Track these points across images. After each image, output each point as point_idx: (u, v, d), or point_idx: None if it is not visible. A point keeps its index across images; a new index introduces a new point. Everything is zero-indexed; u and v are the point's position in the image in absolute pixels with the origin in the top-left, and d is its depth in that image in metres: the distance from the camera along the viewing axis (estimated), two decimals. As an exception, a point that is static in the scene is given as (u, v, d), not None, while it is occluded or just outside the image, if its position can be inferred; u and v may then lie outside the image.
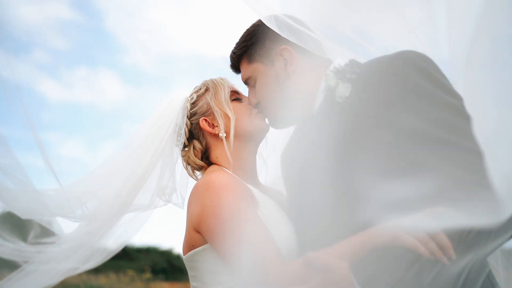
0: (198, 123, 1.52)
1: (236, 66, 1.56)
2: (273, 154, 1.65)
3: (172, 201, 1.58)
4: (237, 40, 1.56)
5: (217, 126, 1.49)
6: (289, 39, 1.37)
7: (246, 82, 1.54)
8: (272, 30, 1.41)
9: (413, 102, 1.11)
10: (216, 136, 1.49)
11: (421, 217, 0.95)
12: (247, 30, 1.52)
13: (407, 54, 1.20)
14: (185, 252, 1.40)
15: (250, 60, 1.48)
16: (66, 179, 1.52)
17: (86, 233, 1.54)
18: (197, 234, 1.34)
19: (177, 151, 1.56)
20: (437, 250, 0.92)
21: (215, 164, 1.51)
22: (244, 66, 1.52)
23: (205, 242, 1.33)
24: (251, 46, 1.48)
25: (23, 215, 1.46)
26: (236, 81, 1.61)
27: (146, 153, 1.49)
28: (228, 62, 1.60)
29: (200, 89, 1.56)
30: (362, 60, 1.34)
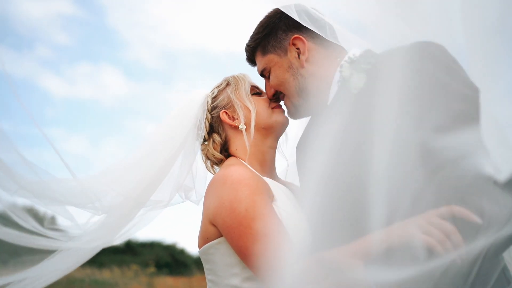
0: (218, 116, 1.54)
1: (251, 58, 1.58)
2: (284, 143, 1.66)
3: (190, 198, 1.61)
4: (240, 35, 1.58)
5: (237, 119, 1.52)
6: (309, 27, 1.38)
7: (262, 74, 1.55)
8: (284, 21, 1.44)
9: (429, 94, 1.09)
10: (236, 128, 1.51)
11: (437, 217, 0.95)
12: (260, 22, 1.53)
13: (423, 45, 1.18)
14: (200, 245, 1.41)
15: (264, 52, 1.50)
16: (69, 174, 1.52)
17: (104, 226, 1.56)
18: (213, 227, 1.34)
19: (197, 146, 1.58)
20: (452, 248, 0.91)
21: (234, 156, 1.53)
22: (258, 58, 1.54)
23: (220, 235, 1.34)
24: (264, 38, 1.49)
25: (47, 206, 1.47)
26: (253, 76, 1.63)
27: (165, 148, 1.52)
28: (232, 57, 1.64)
29: (221, 84, 1.60)
30: (378, 50, 1.32)
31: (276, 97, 1.55)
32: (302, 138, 1.52)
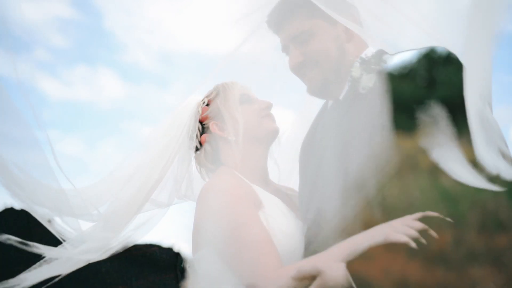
0: (209, 127, 1.54)
1: (282, 17, 1.39)
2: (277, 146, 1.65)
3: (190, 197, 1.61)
4: (237, 37, 1.55)
5: (226, 129, 1.50)
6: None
7: (294, 38, 1.38)
8: None
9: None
10: (227, 138, 1.50)
11: (411, 219, 1.02)
12: None
13: (432, 49, 1.20)
14: (191, 253, 1.42)
15: (311, 15, 1.34)
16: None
17: (103, 236, 1.52)
18: (201, 236, 1.35)
19: (192, 155, 1.58)
20: (426, 245, 0.97)
21: (225, 165, 1.51)
22: (301, 18, 1.36)
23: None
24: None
25: (46, 214, 1.45)
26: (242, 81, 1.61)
27: (161, 159, 1.51)
28: (229, 59, 1.59)
29: (212, 93, 1.58)
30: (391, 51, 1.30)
31: (300, 66, 1.39)
32: (308, 137, 1.51)
